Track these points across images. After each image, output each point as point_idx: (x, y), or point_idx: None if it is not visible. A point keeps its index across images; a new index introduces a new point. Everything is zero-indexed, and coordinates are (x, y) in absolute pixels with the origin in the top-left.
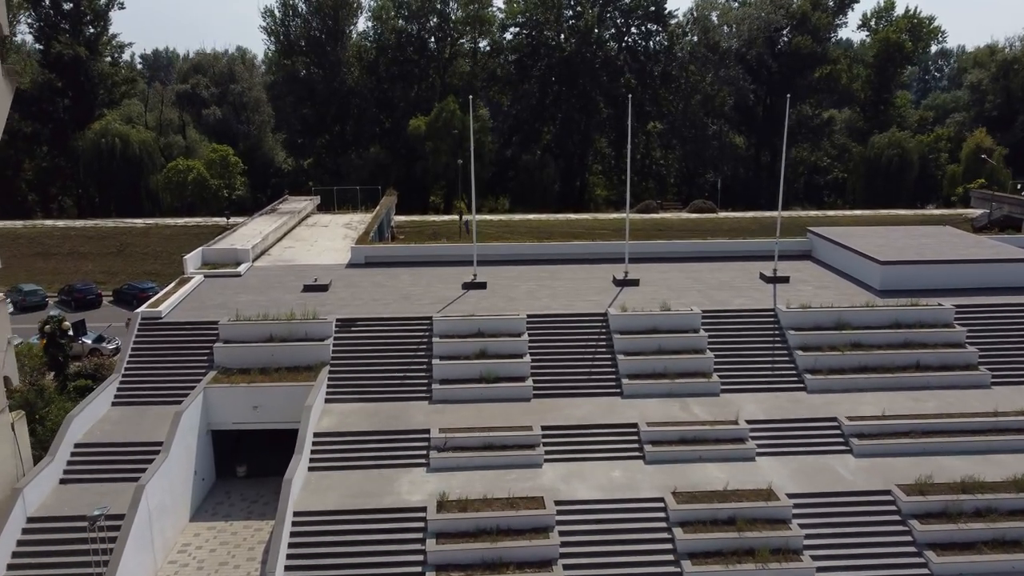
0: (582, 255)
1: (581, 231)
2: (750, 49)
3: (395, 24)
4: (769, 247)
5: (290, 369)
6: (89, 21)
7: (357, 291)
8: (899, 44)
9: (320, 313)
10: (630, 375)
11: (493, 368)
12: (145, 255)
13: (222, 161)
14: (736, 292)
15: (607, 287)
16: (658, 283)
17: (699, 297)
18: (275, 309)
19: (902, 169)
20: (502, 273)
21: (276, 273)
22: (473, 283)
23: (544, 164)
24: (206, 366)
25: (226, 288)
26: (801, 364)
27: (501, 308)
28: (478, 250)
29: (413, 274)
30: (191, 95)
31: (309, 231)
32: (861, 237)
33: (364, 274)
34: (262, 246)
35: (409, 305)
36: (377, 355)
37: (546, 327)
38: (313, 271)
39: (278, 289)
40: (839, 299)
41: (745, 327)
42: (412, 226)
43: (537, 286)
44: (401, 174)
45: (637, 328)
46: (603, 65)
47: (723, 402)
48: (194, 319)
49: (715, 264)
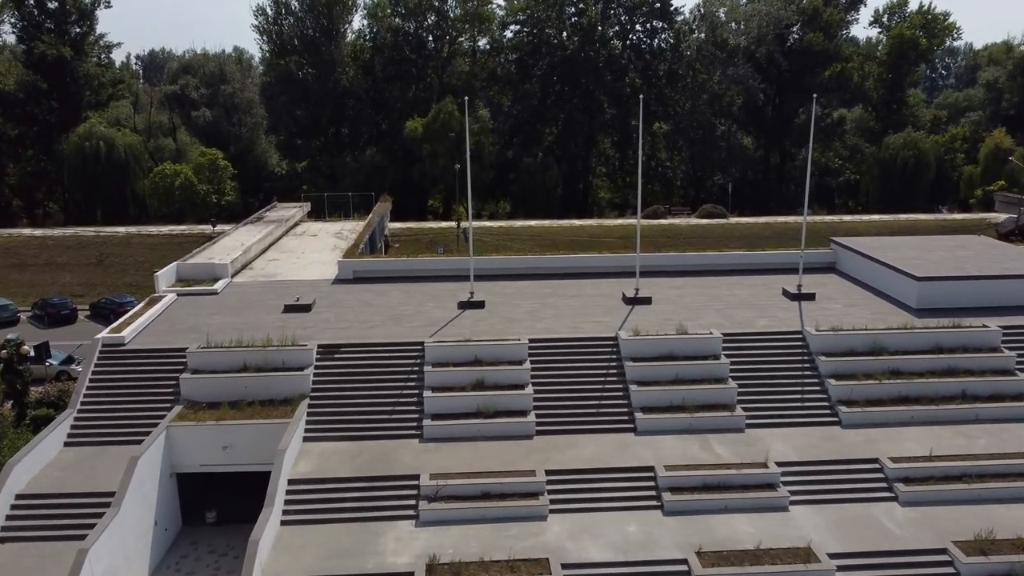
0: (588, 269)
1: (586, 239)
2: (759, 47)
3: (391, 22)
4: (791, 259)
5: (265, 403)
6: (74, 21)
7: (342, 311)
8: (914, 41)
9: (300, 338)
10: (644, 408)
11: (492, 401)
12: (126, 266)
13: (211, 165)
14: (758, 311)
15: (616, 306)
16: (672, 301)
17: (718, 317)
18: (252, 333)
19: (918, 171)
20: (501, 289)
21: (256, 290)
22: (470, 302)
23: (546, 167)
24: (172, 399)
25: (200, 308)
26: (834, 395)
27: (500, 331)
28: (475, 264)
29: (404, 291)
30: (180, 96)
31: (297, 241)
32: (892, 249)
33: (351, 291)
34: (243, 259)
35: (399, 328)
36: (362, 386)
37: (550, 353)
38: (296, 288)
39: (257, 309)
40: (872, 319)
41: (770, 352)
42: (408, 234)
43: (540, 305)
44: (398, 177)
45: (651, 354)
46: (607, 64)
47: (749, 439)
48: (161, 345)
49: (732, 278)
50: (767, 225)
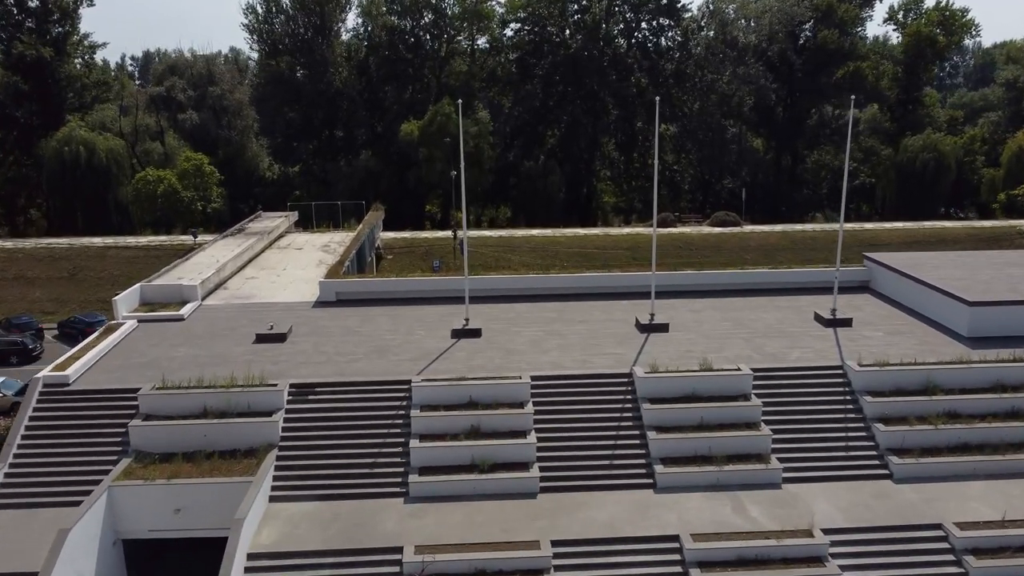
0: (596, 289)
1: (591, 249)
2: (771, 45)
3: (386, 20)
4: (820, 278)
5: (227, 455)
6: (56, 20)
7: (321, 341)
8: (931, 38)
9: (271, 375)
10: (665, 459)
11: (489, 452)
12: (100, 280)
13: (196, 171)
14: (790, 340)
15: (629, 333)
16: (691, 328)
17: (745, 348)
18: (216, 369)
19: (938, 174)
20: (500, 314)
21: (228, 315)
22: (464, 330)
23: (548, 171)
24: (122, 450)
25: (163, 338)
26: (883, 442)
27: (499, 366)
28: (471, 284)
29: (392, 315)
30: (166, 98)
31: (279, 256)
32: (934, 268)
33: (334, 316)
34: (216, 279)
35: (383, 362)
36: (339, 434)
37: (556, 394)
38: (272, 312)
39: (226, 338)
40: (920, 350)
41: (807, 391)
42: (402, 244)
43: (543, 333)
44: (394, 182)
45: (671, 394)
46: (611, 63)
47: (787, 498)
48: (111, 385)
49: (757, 300)
50: (784, 234)
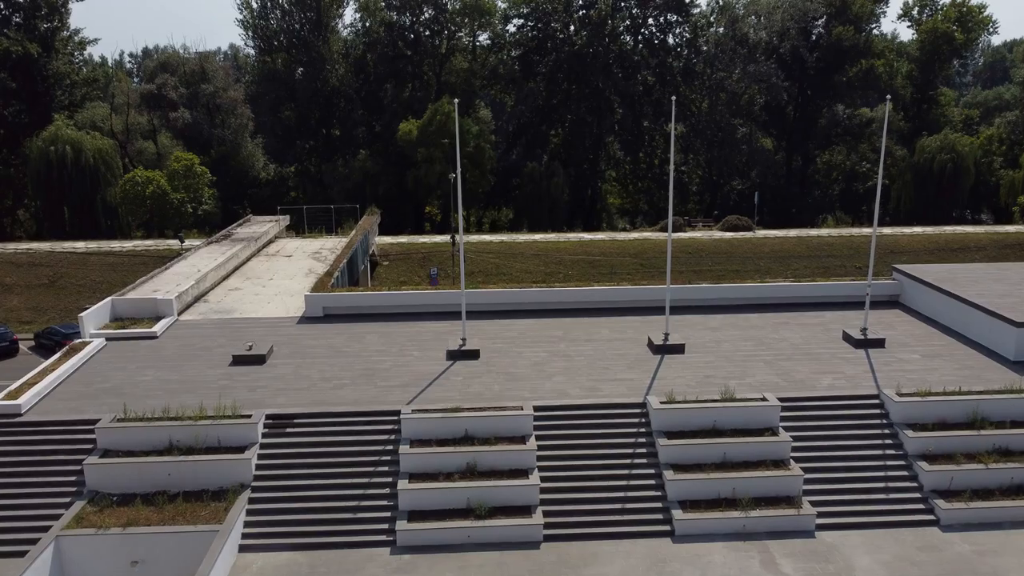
0: (605, 303)
1: (597, 256)
2: (782, 42)
3: (385, 16)
4: (847, 291)
5: (193, 497)
6: (44, 15)
7: (304, 363)
8: (948, 35)
9: (245, 404)
10: (684, 503)
11: (486, 494)
12: (81, 288)
13: (186, 171)
14: (818, 364)
15: (642, 355)
16: (709, 348)
17: (769, 372)
18: (187, 396)
19: (956, 176)
20: (500, 332)
21: (205, 332)
22: (461, 351)
23: (552, 172)
24: (76, 491)
25: (131, 360)
26: (927, 483)
27: (498, 394)
28: (470, 298)
29: (383, 333)
30: (157, 96)
31: (267, 264)
32: (972, 282)
33: (319, 333)
34: (196, 291)
35: (371, 389)
36: (319, 473)
37: (561, 427)
38: (254, 329)
39: (200, 360)
40: (963, 376)
41: (841, 424)
42: (399, 250)
43: (547, 354)
44: (392, 184)
45: (690, 427)
46: (617, 60)
47: (823, 549)
48: (67, 416)
49: (779, 315)
50: (799, 240)
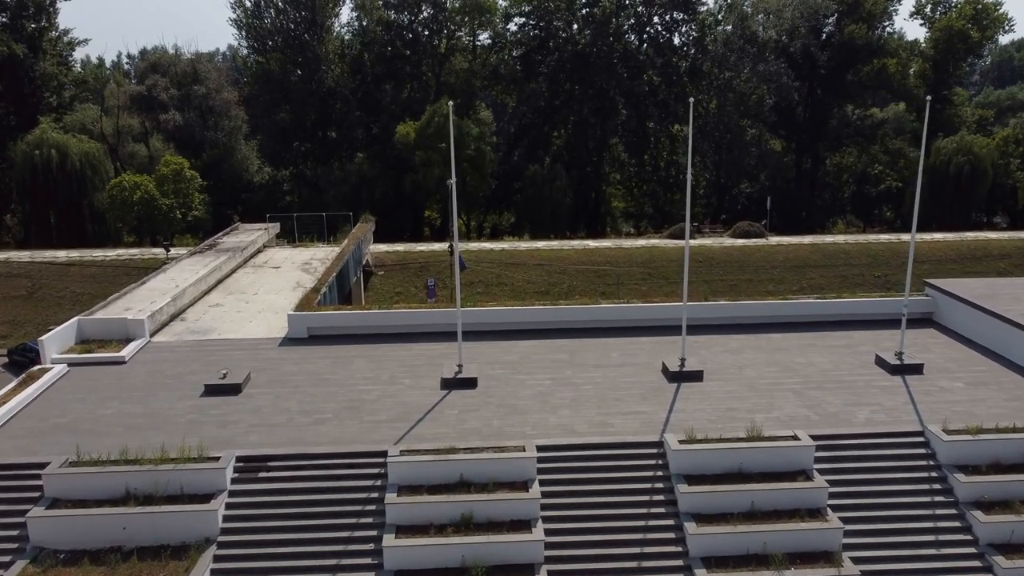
0: (614, 323)
1: (602, 265)
2: (792, 40)
3: (382, 14)
4: (877, 309)
5: (150, 555)
6: (31, 15)
7: (284, 393)
8: (963, 33)
9: (215, 443)
10: (708, 560)
11: (484, 551)
12: (61, 300)
13: (175, 175)
14: (852, 394)
15: (656, 384)
16: (730, 374)
17: (798, 404)
18: (150, 433)
19: (974, 178)
20: (500, 355)
21: (178, 356)
22: (457, 379)
23: (554, 176)
24: (18, 548)
25: (94, 388)
26: (983, 536)
27: (498, 430)
28: (467, 317)
29: (373, 357)
30: (147, 98)
31: (253, 276)
32: (1015, 299)
33: (303, 358)
34: (172, 308)
35: (355, 424)
36: (295, 525)
37: (568, 468)
38: (231, 353)
39: (170, 389)
40: (1015, 408)
41: (882, 466)
42: (395, 258)
43: (551, 382)
44: (390, 187)
45: (713, 470)
46: (622, 60)
47: None
48: (12, 459)
49: (804, 335)
50: (814, 247)
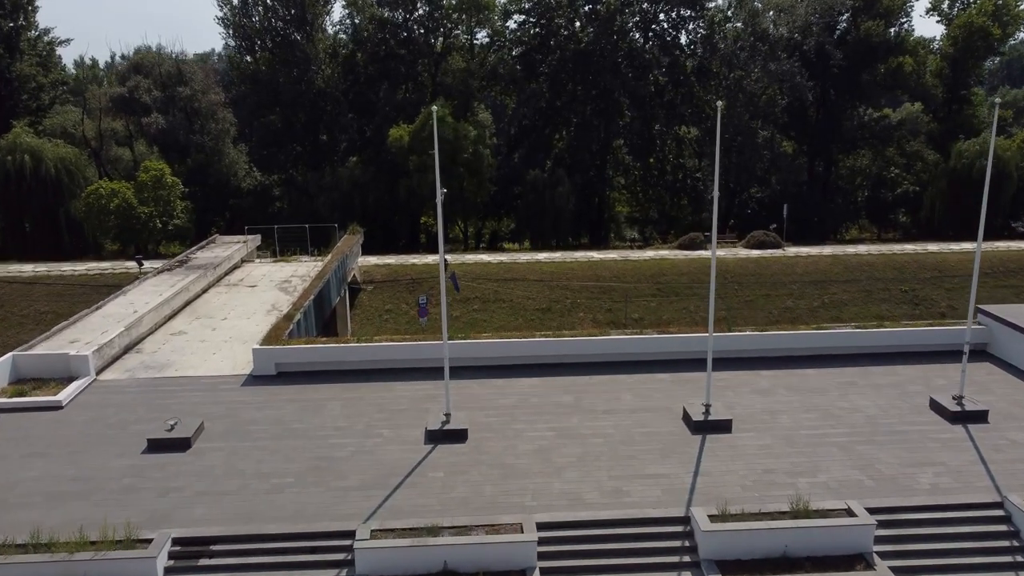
0: (625, 356)
1: (609, 280)
2: (806, 38)
3: (375, 12)
4: (927, 340)
5: None
6: (7, 14)
7: (240, 449)
8: (984, 30)
9: (148, 520)
10: None
11: None
12: (24, 319)
13: (155, 182)
14: (908, 448)
15: (677, 434)
16: (763, 424)
17: (846, 463)
18: (75, 504)
19: (998, 183)
20: (495, 397)
21: (126, 399)
22: (444, 431)
23: (556, 181)
24: None
25: (21, 441)
26: None
27: (490, 500)
28: (458, 351)
29: (348, 400)
30: (128, 100)
31: (225, 297)
32: None
33: (267, 401)
34: (127, 338)
35: (320, 493)
36: None
37: (575, 552)
38: (187, 394)
39: (109, 443)
40: None
41: (956, 548)
42: (385, 272)
43: (554, 433)
44: (383, 193)
45: (752, 554)
46: (627, 59)
47: None
48: None
49: (842, 371)
50: (835, 259)
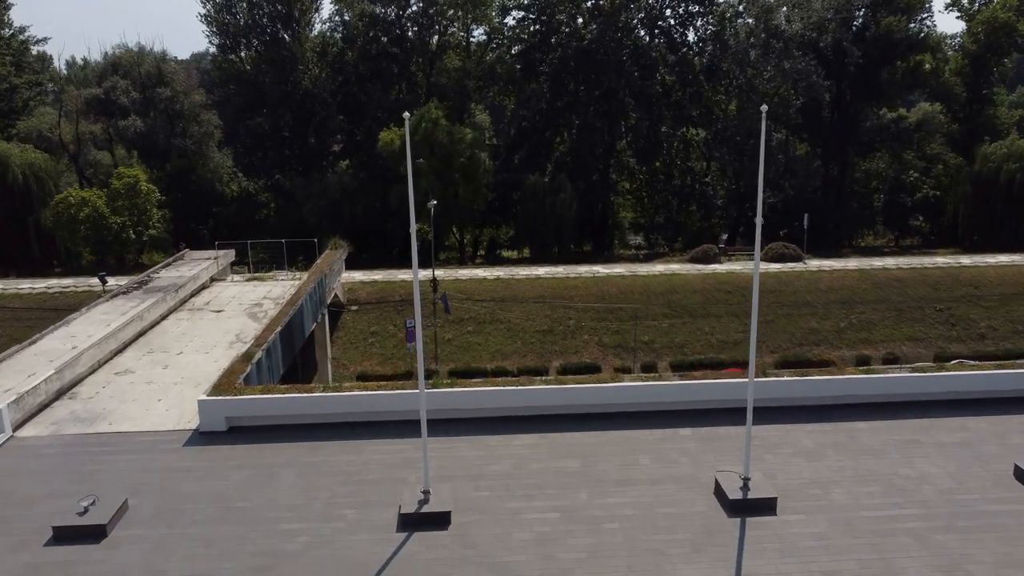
0: (640, 406)
1: (616, 299)
2: (822, 35)
3: (365, 8)
4: (992, 385)
5: None
6: None
7: (168, 540)
8: (1009, 26)
9: None
10: None
11: None
12: None
13: (129, 190)
14: (1002, 540)
15: (711, 517)
16: (814, 501)
17: (927, 561)
18: None
19: None
20: (485, 463)
21: (42, 464)
22: (420, 515)
23: (558, 187)
24: None
25: None
26: None
27: None
28: (440, 402)
29: (308, 466)
30: (104, 101)
31: (187, 324)
32: None
33: (211, 467)
34: (60, 381)
35: None
36: None
37: None
38: (116, 456)
39: (8, 526)
40: None
41: None
42: (372, 290)
43: (557, 515)
44: (374, 200)
45: None
46: (632, 57)
47: None
48: None
49: (900, 425)
50: (861, 273)
